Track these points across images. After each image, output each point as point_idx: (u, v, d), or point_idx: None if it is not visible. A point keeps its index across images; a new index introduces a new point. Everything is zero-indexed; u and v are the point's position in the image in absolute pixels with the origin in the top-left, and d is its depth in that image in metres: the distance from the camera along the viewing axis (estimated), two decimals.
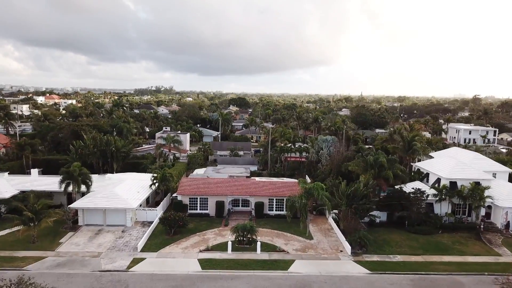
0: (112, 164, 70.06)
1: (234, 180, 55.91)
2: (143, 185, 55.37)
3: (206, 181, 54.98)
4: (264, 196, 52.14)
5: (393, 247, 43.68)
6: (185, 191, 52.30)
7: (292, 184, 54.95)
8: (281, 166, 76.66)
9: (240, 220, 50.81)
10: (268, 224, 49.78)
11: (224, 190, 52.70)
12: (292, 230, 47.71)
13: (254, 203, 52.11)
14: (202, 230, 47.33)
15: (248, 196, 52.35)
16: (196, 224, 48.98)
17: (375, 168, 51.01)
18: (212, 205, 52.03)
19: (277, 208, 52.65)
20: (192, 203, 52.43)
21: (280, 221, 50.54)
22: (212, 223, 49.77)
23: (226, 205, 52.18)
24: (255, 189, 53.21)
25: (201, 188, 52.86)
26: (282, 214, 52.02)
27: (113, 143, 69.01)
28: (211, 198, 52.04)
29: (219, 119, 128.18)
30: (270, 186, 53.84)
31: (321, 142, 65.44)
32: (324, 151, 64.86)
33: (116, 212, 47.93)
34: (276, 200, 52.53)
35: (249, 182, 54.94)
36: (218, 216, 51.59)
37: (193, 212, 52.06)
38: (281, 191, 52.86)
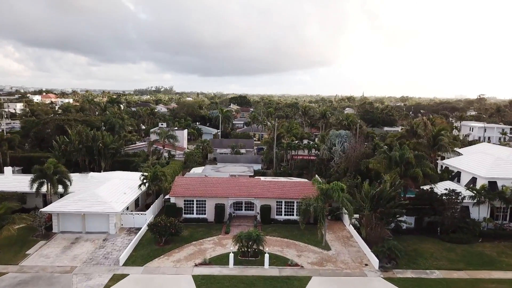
0: (100, 162, 62.73)
1: (236, 180, 48.61)
2: (131, 186, 48.05)
3: (204, 180, 47.67)
4: (271, 198, 44.81)
5: (428, 260, 36.31)
6: (179, 192, 44.98)
7: (303, 184, 47.61)
8: (288, 165, 69.36)
9: (243, 226, 43.49)
10: (277, 231, 42.45)
11: (225, 191, 45.38)
12: (305, 239, 40.38)
13: (259, 206, 44.78)
14: (198, 238, 40.01)
15: (252, 198, 45.01)
16: (191, 231, 41.66)
17: (401, 166, 43.65)
18: (210, 209, 44.71)
19: (287, 212, 45.31)
20: (188, 206, 45.10)
21: (291, 228, 43.22)
22: (211, 229, 42.45)
23: (227, 208, 44.86)
24: (260, 190, 45.87)
25: (197, 189, 45.53)
26: (293, 219, 44.69)
27: (101, 138, 61.68)
28: (210, 200, 44.73)
29: (219, 116, 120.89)
30: (279, 187, 46.50)
31: (333, 138, 58.25)
32: (337, 147, 57.58)
33: (97, 217, 40.60)
34: (285, 203, 45.17)
35: (254, 182, 47.63)
36: (218, 222, 44.26)
37: (188, 217, 44.72)
38: (292, 192, 45.51)
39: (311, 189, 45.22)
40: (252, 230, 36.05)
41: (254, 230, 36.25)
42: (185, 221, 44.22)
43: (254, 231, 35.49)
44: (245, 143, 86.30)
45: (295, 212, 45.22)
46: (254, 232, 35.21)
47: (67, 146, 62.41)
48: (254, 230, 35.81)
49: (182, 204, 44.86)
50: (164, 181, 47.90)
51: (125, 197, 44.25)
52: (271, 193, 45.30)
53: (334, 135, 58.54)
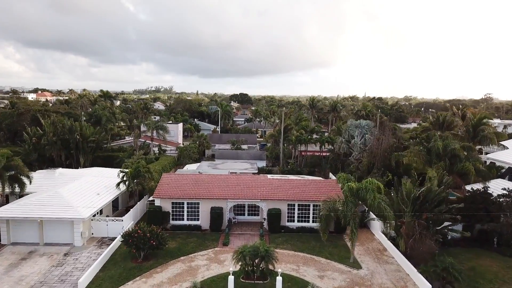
0: (78, 157, 53.73)
1: (237, 177, 39.53)
2: (108, 185, 39.00)
3: (197, 178, 38.60)
4: (282, 200, 35.71)
5: (494, 283, 27.22)
6: (165, 192, 35.90)
7: (321, 183, 38.49)
8: (296, 162, 60.26)
9: (246, 235, 34.46)
10: (289, 242, 33.41)
11: (223, 191, 36.32)
12: (326, 253, 31.32)
13: (266, 210, 35.71)
14: (189, 252, 30.96)
15: (258, 201, 35.91)
16: (180, 243, 32.62)
17: (445, 160, 34.58)
18: (205, 214, 35.65)
19: (302, 218, 36.22)
20: (176, 211, 36.03)
21: (306, 238, 34.22)
22: (205, 240, 33.40)
23: (225, 213, 35.80)
24: (268, 189, 36.80)
25: (189, 189, 36.46)
26: (308, 227, 35.66)
27: (78, 130, 52.66)
28: (204, 203, 35.66)
29: (219, 112, 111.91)
30: (290, 186, 37.44)
31: (352, 128, 49.29)
32: (357, 139, 48.59)
33: (59, 224, 31.59)
34: (300, 207, 36.09)
35: (260, 180, 38.56)
36: (214, 230, 35.21)
37: (177, 224, 35.67)
38: (307, 193, 36.43)
39: (332, 189, 36.22)
40: (258, 243, 26.93)
41: (262, 243, 27.11)
42: (173, 229, 35.23)
43: (262, 244, 26.34)
44: (247, 138, 77.33)
45: (311, 218, 36.15)
46: (261, 246, 26.07)
47: (41, 138, 53.51)
48: (261, 244, 26.66)
49: (170, 208, 35.78)
50: (148, 179, 38.84)
51: (98, 198, 35.18)
52: (282, 194, 36.21)
53: (353, 126, 49.60)
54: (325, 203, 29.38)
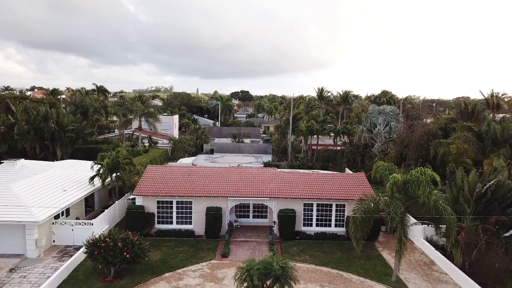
0: (55, 149, 46.29)
1: (240, 170, 31.98)
2: (80, 179, 31.55)
3: (190, 172, 31.08)
4: (296, 198, 28.14)
5: None
6: (150, 188, 28.35)
7: (346, 177, 30.88)
8: (307, 156, 52.73)
9: (252, 243, 26.97)
10: (307, 252, 25.87)
11: (223, 187, 28.78)
12: (357, 267, 23.79)
13: (277, 211, 28.16)
14: (177, 266, 23.43)
15: (266, 199, 28.33)
16: (167, 253, 25.08)
17: (507, 146, 27.06)
18: (199, 215, 28.12)
19: (322, 221, 28.66)
20: (163, 212, 28.49)
21: (329, 247, 26.71)
22: (199, 250, 25.85)
23: (225, 215, 28.26)
24: (279, 185, 29.28)
25: (179, 184, 28.93)
26: (330, 232, 28.18)
27: (54, 117, 45.22)
28: (199, 202, 28.14)
29: (219, 106, 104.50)
30: (308, 182, 29.94)
31: (375, 115, 41.80)
32: (381, 128, 41.10)
33: (6, 229, 24.07)
34: (319, 207, 28.53)
35: (268, 174, 31.03)
36: (211, 236, 27.69)
37: (164, 228, 28.13)
38: (329, 189, 28.93)
39: (360, 185, 28.75)
40: (270, 257, 19.34)
41: (274, 257, 19.49)
42: (158, 235, 27.75)
43: (275, 259, 18.74)
44: (250, 132, 69.86)
45: (333, 221, 28.61)
46: (275, 261, 18.48)
47: (12, 128, 46.11)
48: (274, 258, 19.06)
49: (154, 208, 28.23)
50: (130, 173, 31.37)
51: (63, 196, 27.69)
52: (296, 191, 28.66)
53: (375, 112, 42.11)
54: (361, 202, 21.81)
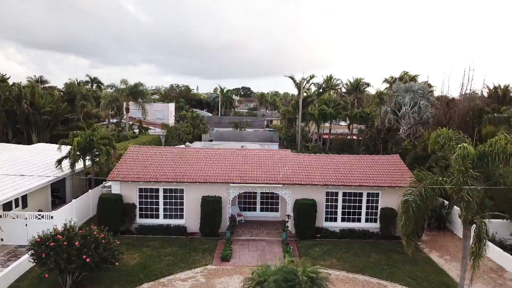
0: (30, 135, 40.24)
1: (245, 152, 25.81)
2: (47, 165, 25.49)
3: (183, 153, 24.91)
4: (317, 185, 21.96)
5: None
6: (130, 172, 22.19)
7: (377, 160, 24.70)
8: (318, 145, 46.63)
9: (260, 243, 20.91)
10: (332, 253, 19.74)
11: (223, 171, 22.62)
12: (403, 274, 17.68)
13: (292, 202, 22.04)
14: (161, 273, 17.33)
15: (278, 186, 22.14)
16: (149, 256, 18.96)
17: None
18: (193, 207, 22.00)
19: (350, 214, 22.54)
20: (147, 202, 22.35)
21: (360, 247, 20.65)
22: (192, 251, 19.71)
23: (225, 206, 22.12)
24: (295, 169, 23.18)
25: (168, 167, 22.80)
26: (361, 229, 22.12)
27: (29, 97, 39.16)
28: (192, 189, 22.00)
29: (219, 98, 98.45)
30: (331, 165, 23.87)
31: (401, 93, 35.64)
32: (408, 108, 34.96)
33: None
34: (345, 196, 22.42)
35: (280, 156, 24.91)
36: (208, 234, 21.55)
37: (148, 224, 22.01)
38: (359, 175, 22.86)
39: (396, 169, 22.72)
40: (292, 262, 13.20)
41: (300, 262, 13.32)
42: (140, 232, 21.66)
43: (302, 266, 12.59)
44: (253, 121, 63.75)
45: (363, 215, 22.49)
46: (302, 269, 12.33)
47: None
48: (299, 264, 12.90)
49: (135, 198, 22.10)
50: (107, 155, 25.25)
51: (19, 182, 21.59)
52: (317, 176, 22.53)
53: (401, 90, 35.96)
54: (416, 186, 15.60)
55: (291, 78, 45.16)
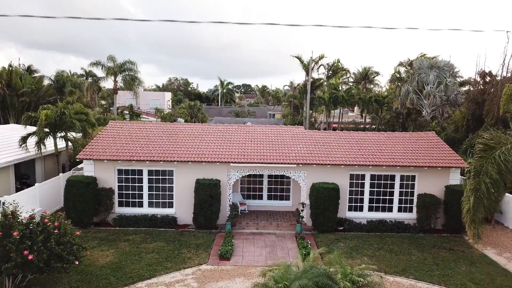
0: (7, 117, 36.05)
1: (249, 129, 21.48)
2: (8, 144, 21.25)
3: (173, 129, 20.59)
4: (339, 166, 17.64)
5: None
6: (106, 150, 17.88)
7: (409, 137, 20.37)
8: None
9: (268, 237, 16.61)
10: (361, 250, 15.41)
11: (222, 149, 18.27)
12: (459, 276, 13.32)
13: (308, 187, 17.76)
14: (138, 276, 13.02)
15: (291, 167, 17.82)
16: (125, 253, 14.65)
17: None
18: (184, 193, 17.72)
19: (379, 202, 18.25)
20: (128, 187, 18.05)
21: (394, 241, 16.40)
22: (181, 247, 15.41)
23: (225, 192, 17.81)
24: (311, 148, 18.91)
25: (154, 143, 18.51)
26: (393, 220, 17.81)
27: (5, 77, 34.95)
28: (184, 171, 17.70)
29: (219, 91, 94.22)
30: (354, 143, 19.67)
31: (424, 70, 31.34)
32: (432, 86, 30.70)
33: None
34: (375, 180, 18.13)
35: (292, 134, 20.63)
36: (203, 226, 17.25)
37: (129, 213, 17.71)
38: (389, 154, 18.61)
39: (434, 146, 18.45)
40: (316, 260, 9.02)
41: (335, 256, 9.07)
42: (121, 224, 17.42)
43: (341, 266, 8.34)
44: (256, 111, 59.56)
45: (396, 203, 18.21)
46: (343, 270, 8.07)
47: None
48: (334, 258, 8.65)
49: (114, 181, 17.79)
50: (81, 132, 21.03)
51: None
52: (338, 156, 18.26)
53: (424, 67, 31.71)
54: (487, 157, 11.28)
55: (297, 58, 40.96)
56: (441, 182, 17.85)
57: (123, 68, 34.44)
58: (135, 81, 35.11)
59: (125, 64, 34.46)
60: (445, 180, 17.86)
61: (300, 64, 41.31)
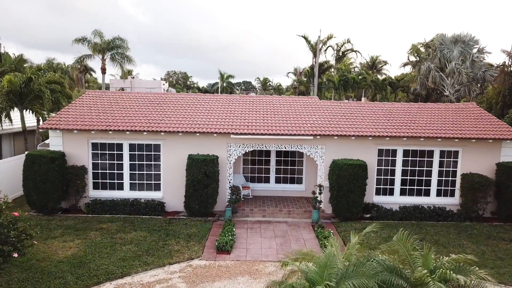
0: None
1: (253, 99, 18.10)
2: None
3: (163, 99, 17.19)
4: (365, 138, 14.24)
5: None
6: (77, 119, 14.51)
7: (445, 108, 17.01)
8: None
9: (277, 225, 13.18)
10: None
11: (220, 119, 14.85)
12: None
13: (327, 166, 14.36)
14: (107, 273, 9.62)
15: (307, 139, 14.42)
16: (94, 244, 11.22)
17: None
18: (174, 172, 14.35)
19: (414, 184, 14.84)
20: (104, 165, 14.66)
21: (437, 231, 12.93)
22: (167, 238, 12.01)
23: (224, 171, 14.40)
24: (329, 118, 15.50)
25: (137, 113, 15.13)
26: (432, 205, 14.41)
27: None
28: (172, 145, 14.31)
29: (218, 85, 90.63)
30: (382, 114, 16.28)
31: (448, 46, 27.87)
32: (458, 62, 27.29)
33: None
34: (408, 156, 14.73)
35: (304, 104, 17.29)
36: (197, 213, 13.86)
37: (106, 197, 14.32)
38: (429, 125, 15.22)
39: (478, 119, 14.96)
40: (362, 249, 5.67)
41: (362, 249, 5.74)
42: (95, 210, 14.05)
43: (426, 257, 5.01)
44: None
45: (434, 185, 14.79)
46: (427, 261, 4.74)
47: None
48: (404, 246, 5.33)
49: (87, 157, 14.42)
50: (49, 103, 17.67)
51: None
52: (364, 127, 14.86)
53: (448, 42, 28.28)
54: None
55: (304, 38, 37.51)
56: (490, 158, 14.48)
57: (112, 45, 31.06)
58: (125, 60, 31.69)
59: (114, 41, 31.06)
60: (496, 157, 14.50)
61: (307, 45, 37.91)
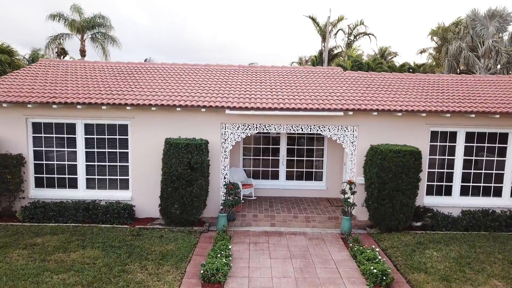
0: None
1: (257, 70, 13.99)
2: None
3: (136, 67, 13.09)
4: (420, 113, 10.15)
5: None
6: (10, 90, 10.43)
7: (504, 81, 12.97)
8: None
9: (292, 238, 8.90)
10: (475, 262, 7.87)
11: (211, 91, 10.73)
12: None
13: (363, 154, 10.25)
14: None
15: (335, 115, 10.33)
16: (10, 270, 7.12)
17: None
18: (146, 165, 10.28)
19: (479, 181, 10.71)
20: (49, 153, 10.56)
21: None
22: (130, 259, 7.89)
23: (216, 161, 10.27)
24: (362, 91, 11.41)
25: (97, 84, 11.03)
26: (506, 209, 10.17)
27: None
28: (142, 126, 10.23)
29: None
30: (430, 86, 12.30)
31: (481, 21, 23.81)
32: (495, 40, 23.22)
33: None
34: (474, 142, 10.62)
35: (327, 74, 13.29)
36: (177, 221, 9.72)
37: (52, 198, 10.23)
38: (500, 99, 11.09)
39: None
40: None
41: None
42: (34, 216, 9.84)
43: None
44: None
45: (507, 182, 10.64)
46: None
47: None
48: None
49: (25, 143, 10.34)
50: None
51: None
52: (412, 101, 10.76)
53: (480, 18, 24.06)
54: None
55: (311, 19, 33.37)
56: None
57: (92, 23, 26.93)
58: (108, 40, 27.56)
59: (95, 18, 26.92)
60: None
61: (315, 28, 33.83)
